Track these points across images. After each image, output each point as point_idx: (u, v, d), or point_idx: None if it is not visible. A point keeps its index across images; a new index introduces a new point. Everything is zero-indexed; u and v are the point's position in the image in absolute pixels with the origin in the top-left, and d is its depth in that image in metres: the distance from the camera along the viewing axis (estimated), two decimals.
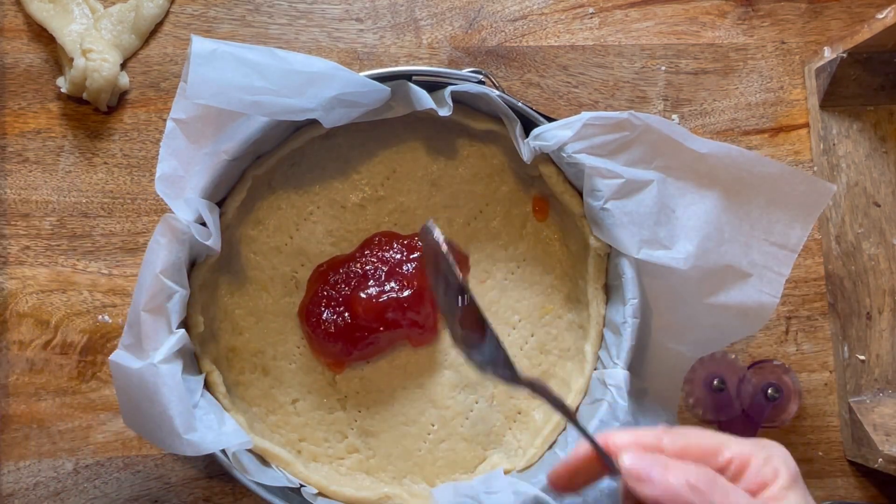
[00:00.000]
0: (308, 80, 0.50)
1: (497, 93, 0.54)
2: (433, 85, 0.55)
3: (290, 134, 0.57)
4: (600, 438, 0.41)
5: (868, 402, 0.62)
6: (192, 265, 0.54)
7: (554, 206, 0.59)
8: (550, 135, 0.53)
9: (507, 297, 0.60)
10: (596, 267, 0.56)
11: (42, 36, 0.62)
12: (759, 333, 0.64)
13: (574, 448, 0.42)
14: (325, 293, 0.57)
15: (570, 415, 0.44)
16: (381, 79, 0.53)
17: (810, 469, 0.63)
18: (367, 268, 0.58)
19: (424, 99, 0.53)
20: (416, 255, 0.58)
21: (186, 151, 0.51)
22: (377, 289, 0.57)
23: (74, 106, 0.62)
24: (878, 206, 0.64)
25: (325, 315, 0.57)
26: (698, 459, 0.39)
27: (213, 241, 0.52)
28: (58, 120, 0.62)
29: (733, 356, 0.62)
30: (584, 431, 0.42)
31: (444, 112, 0.54)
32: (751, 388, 0.61)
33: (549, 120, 0.54)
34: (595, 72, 0.65)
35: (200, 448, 0.48)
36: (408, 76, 0.54)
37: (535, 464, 0.56)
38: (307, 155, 0.58)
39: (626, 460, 0.39)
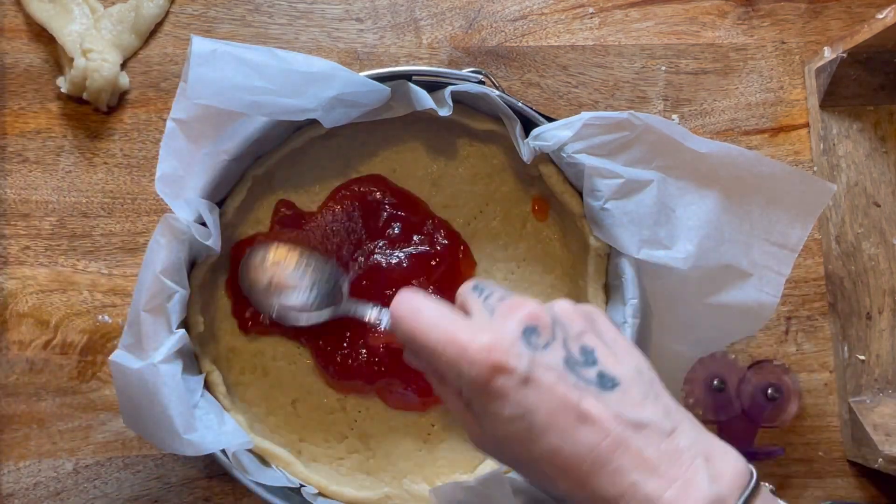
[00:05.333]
0: (308, 80, 0.50)
1: (497, 93, 0.54)
2: (433, 85, 0.55)
3: (290, 134, 0.57)
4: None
5: (868, 402, 0.62)
6: (192, 265, 0.54)
7: (554, 206, 0.59)
8: (550, 135, 0.53)
9: None
10: (596, 267, 0.56)
11: (42, 36, 0.62)
12: (759, 333, 0.64)
13: None
14: None
15: None
16: (381, 79, 0.53)
17: (810, 469, 0.63)
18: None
19: (424, 99, 0.53)
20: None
21: (186, 151, 0.51)
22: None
23: (74, 106, 0.62)
24: (878, 206, 0.64)
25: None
26: None
27: (213, 241, 0.52)
28: (58, 120, 0.62)
29: (733, 356, 0.62)
30: None
31: (444, 112, 0.54)
32: (751, 388, 0.61)
33: (549, 120, 0.54)
34: (595, 72, 0.65)
35: (200, 448, 0.48)
36: (408, 76, 0.54)
37: None
38: (307, 155, 0.58)
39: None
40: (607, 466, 0.35)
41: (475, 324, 0.39)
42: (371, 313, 0.51)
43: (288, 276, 0.54)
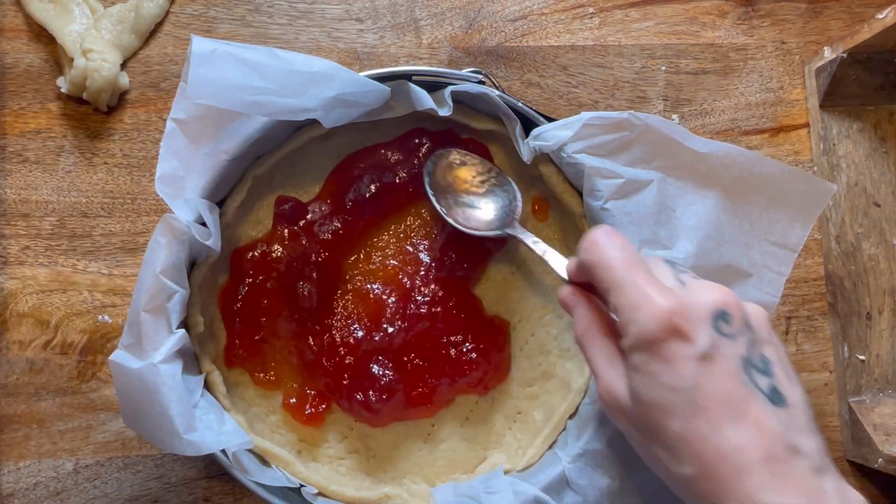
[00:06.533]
0: (308, 80, 0.50)
1: (497, 93, 0.54)
2: (433, 85, 0.55)
3: (290, 134, 0.57)
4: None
5: (868, 402, 0.62)
6: (192, 265, 0.54)
7: (554, 206, 0.59)
8: (550, 135, 0.53)
9: (506, 296, 0.60)
10: None
11: (42, 36, 0.62)
12: None
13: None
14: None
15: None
16: (381, 79, 0.53)
17: None
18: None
19: (424, 99, 0.53)
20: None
21: (186, 151, 0.51)
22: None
23: (74, 106, 0.62)
24: (878, 206, 0.64)
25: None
26: None
27: (213, 241, 0.52)
28: (58, 120, 0.62)
29: None
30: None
31: (444, 112, 0.54)
32: None
33: (549, 120, 0.54)
34: (595, 72, 0.65)
35: (200, 448, 0.48)
36: (408, 76, 0.54)
37: (535, 464, 0.56)
38: (307, 155, 0.58)
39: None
40: (749, 477, 0.34)
41: (668, 286, 0.38)
42: (538, 246, 0.52)
43: (468, 184, 0.56)
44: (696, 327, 0.36)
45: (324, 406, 0.56)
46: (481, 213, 0.55)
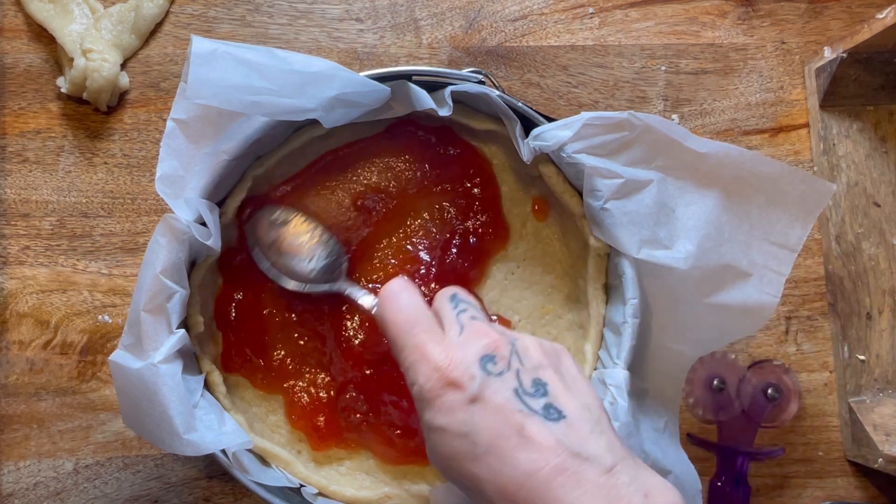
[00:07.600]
0: (308, 80, 0.50)
1: (497, 93, 0.54)
2: (433, 85, 0.55)
3: (290, 134, 0.57)
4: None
5: (868, 402, 0.62)
6: (192, 265, 0.54)
7: (554, 206, 0.59)
8: (550, 135, 0.53)
9: (506, 296, 0.60)
10: (596, 267, 0.56)
11: (42, 36, 0.63)
12: (759, 333, 0.64)
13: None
14: None
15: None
16: (381, 79, 0.53)
17: (810, 469, 0.63)
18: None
19: (424, 99, 0.53)
20: None
21: (186, 151, 0.51)
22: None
23: (74, 106, 0.62)
24: (878, 206, 0.64)
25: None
26: None
27: (213, 241, 0.52)
28: (58, 120, 0.62)
29: (733, 356, 0.62)
30: None
31: (444, 112, 0.54)
32: (751, 388, 0.61)
33: (549, 120, 0.54)
34: (595, 72, 0.65)
35: (200, 448, 0.48)
36: (408, 76, 0.54)
37: None
38: (307, 155, 0.58)
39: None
40: (546, 494, 0.36)
41: (444, 339, 0.42)
42: (365, 298, 0.52)
43: (293, 241, 0.56)
44: (464, 374, 0.39)
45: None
46: (305, 266, 0.55)
